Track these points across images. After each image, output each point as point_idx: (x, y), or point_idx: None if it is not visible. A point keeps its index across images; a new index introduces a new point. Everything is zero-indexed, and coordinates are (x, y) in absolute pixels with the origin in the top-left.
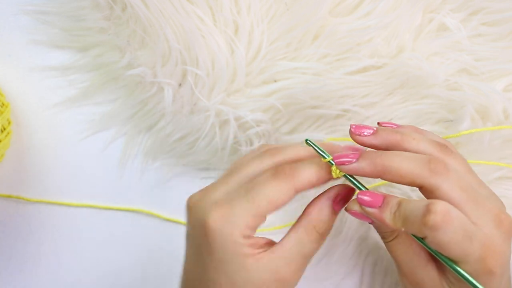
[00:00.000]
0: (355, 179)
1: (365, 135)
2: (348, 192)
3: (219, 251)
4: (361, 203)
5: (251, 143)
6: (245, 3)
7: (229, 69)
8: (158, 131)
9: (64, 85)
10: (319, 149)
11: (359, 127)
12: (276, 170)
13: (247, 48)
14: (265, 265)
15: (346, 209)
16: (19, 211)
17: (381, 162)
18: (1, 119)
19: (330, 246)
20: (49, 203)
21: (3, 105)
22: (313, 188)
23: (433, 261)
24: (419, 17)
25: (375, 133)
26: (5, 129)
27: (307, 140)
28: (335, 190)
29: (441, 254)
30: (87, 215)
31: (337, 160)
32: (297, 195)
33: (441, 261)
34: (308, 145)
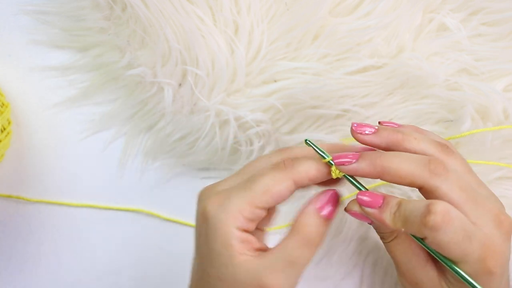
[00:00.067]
0: (355, 180)
1: (367, 133)
2: (333, 197)
3: (213, 239)
4: (360, 204)
5: (251, 143)
6: (245, 3)
7: (229, 69)
8: (158, 131)
9: (64, 85)
10: (319, 149)
11: (361, 126)
12: (276, 162)
13: (247, 48)
14: (250, 270)
15: (345, 209)
16: (19, 211)
17: (381, 163)
18: (1, 119)
19: (330, 246)
20: (49, 203)
21: (3, 105)
22: (313, 183)
23: (432, 261)
24: (419, 17)
25: (376, 132)
26: (5, 129)
27: (306, 140)
28: (321, 195)
29: (440, 254)
30: (87, 215)
31: (336, 160)
32: (298, 190)
33: (440, 262)
34: (307, 145)
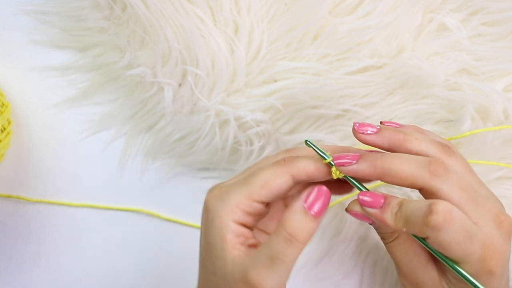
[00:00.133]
0: (355, 180)
1: (368, 133)
2: (320, 192)
3: (210, 231)
4: (362, 204)
5: (251, 143)
6: (245, 3)
7: (229, 69)
8: (158, 131)
9: (64, 85)
10: (319, 150)
11: (362, 125)
12: (277, 160)
13: (247, 48)
14: (238, 265)
15: (346, 210)
16: (19, 211)
17: (381, 164)
18: (1, 119)
19: (330, 246)
20: (49, 203)
21: (3, 105)
22: (312, 179)
23: (433, 261)
24: (419, 17)
25: (378, 132)
26: (5, 129)
27: (306, 141)
28: (308, 191)
29: (442, 254)
30: (87, 215)
31: (336, 161)
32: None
33: (441, 261)
34: (308, 146)
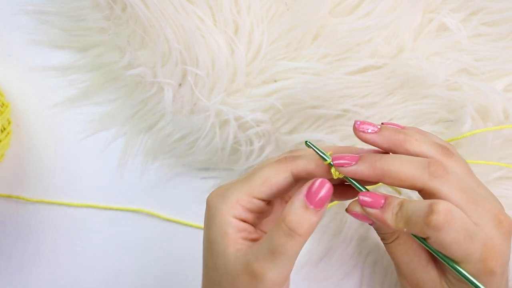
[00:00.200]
0: (355, 180)
1: (369, 132)
2: (321, 186)
3: (211, 228)
4: (362, 204)
5: (251, 143)
6: (245, 3)
7: (229, 69)
8: (158, 131)
9: (64, 85)
10: (319, 151)
11: (363, 124)
12: (278, 158)
13: (247, 48)
14: (241, 257)
15: (347, 210)
16: (19, 211)
17: (381, 165)
18: (1, 119)
19: (330, 246)
20: (49, 203)
21: (3, 105)
22: (313, 177)
23: (433, 261)
24: (419, 17)
25: (378, 131)
26: (5, 129)
27: (306, 141)
28: (308, 183)
29: (442, 254)
30: (87, 215)
31: (335, 162)
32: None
33: (441, 262)
34: (308, 146)
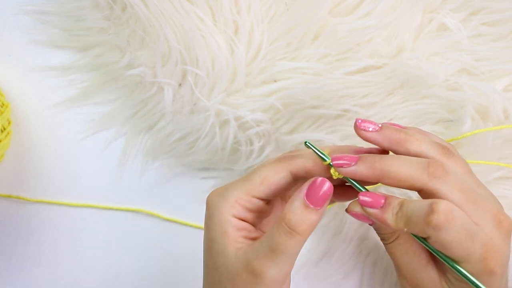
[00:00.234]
0: (355, 180)
1: (370, 131)
2: (321, 185)
3: (211, 228)
4: (362, 204)
5: (251, 143)
6: (245, 3)
7: (229, 69)
8: (158, 131)
9: (64, 85)
10: (318, 151)
11: (365, 122)
12: (277, 158)
13: (247, 48)
14: (241, 256)
15: (347, 210)
16: (19, 211)
17: (380, 166)
18: (1, 119)
19: (330, 246)
20: (49, 203)
21: (3, 105)
22: (311, 175)
23: (433, 261)
24: (419, 17)
25: (379, 130)
26: (5, 129)
27: (306, 142)
28: (308, 182)
29: (442, 254)
30: (87, 215)
31: (335, 162)
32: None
33: (441, 262)
34: (307, 147)
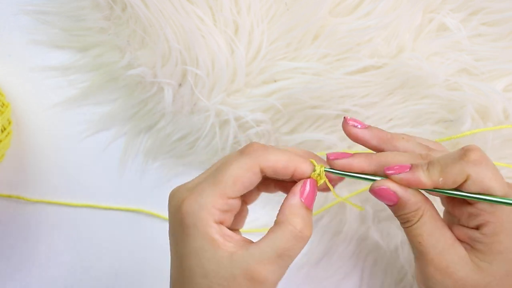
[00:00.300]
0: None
1: (359, 128)
2: (314, 186)
3: (193, 236)
4: (389, 174)
5: None
6: (245, 3)
7: (229, 69)
8: (158, 131)
9: (64, 85)
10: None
11: (353, 119)
12: (242, 149)
13: (247, 48)
14: (237, 262)
15: (371, 189)
16: (19, 211)
17: (377, 158)
18: (1, 119)
19: (330, 246)
20: (49, 203)
21: (3, 105)
22: (284, 173)
23: (459, 239)
24: (419, 17)
25: (368, 127)
26: (5, 129)
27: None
28: (302, 186)
29: (482, 195)
30: (87, 215)
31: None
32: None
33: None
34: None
